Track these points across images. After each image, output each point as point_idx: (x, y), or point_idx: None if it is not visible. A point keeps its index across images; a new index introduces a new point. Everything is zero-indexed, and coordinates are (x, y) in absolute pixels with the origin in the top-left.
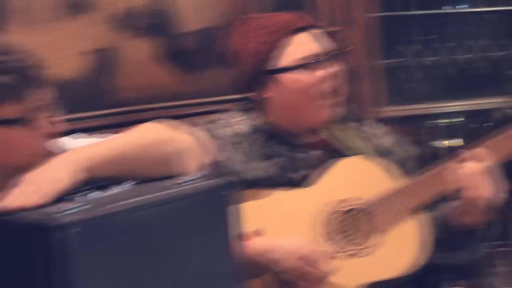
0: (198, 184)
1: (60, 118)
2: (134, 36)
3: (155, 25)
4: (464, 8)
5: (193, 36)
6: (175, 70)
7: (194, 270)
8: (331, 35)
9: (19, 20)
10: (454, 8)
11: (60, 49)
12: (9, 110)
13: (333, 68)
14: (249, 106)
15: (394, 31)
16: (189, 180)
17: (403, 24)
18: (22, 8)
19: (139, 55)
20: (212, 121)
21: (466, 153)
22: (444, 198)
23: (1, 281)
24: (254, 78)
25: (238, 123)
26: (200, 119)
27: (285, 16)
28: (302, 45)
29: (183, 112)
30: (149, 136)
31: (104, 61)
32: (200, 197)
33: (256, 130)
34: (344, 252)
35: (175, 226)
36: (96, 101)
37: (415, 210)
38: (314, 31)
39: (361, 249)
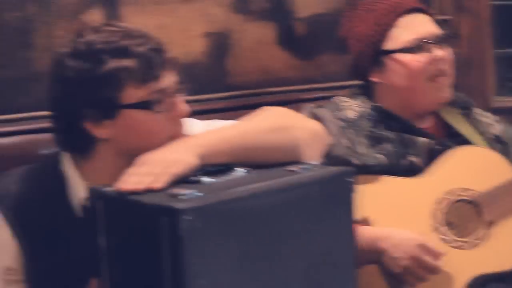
0: (323, 170)
1: (185, 100)
2: (251, 20)
3: (270, 9)
4: None
5: (306, 21)
6: (288, 55)
7: (316, 257)
8: (440, 23)
9: (133, 3)
10: None
11: (183, 30)
12: (133, 94)
13: (442, 52)
14: (358, 91)
15: (507, 20)
16: (308, 167)
17: None
18: None
19: (255, 39)
20: (321, 106)
21: None
22: None
23: (123, 258)
24: (364, 62)
25: (347, 107)
26: (310, 105)
27: (392, 0)
28: (411, 28)
29: (293, 97)
30: (266, 123)
31: (222, 44)
32: (325, 183)
33: (364, 115)
34: (451, 243)
35: (298, 213)
36: (215, 83)
37: None
38: (422, 14)
39: (468, 241)
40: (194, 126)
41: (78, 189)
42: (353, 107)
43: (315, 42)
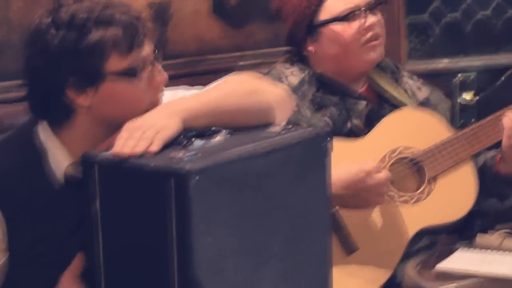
0: (302, 131)
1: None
2: None
3: None
4: None
5: None
6: (221, 24)
7: (297, 212)
8: None
9: None
10: None
11: (128, 1)
12: (117, 62)
13: (374, 18)
14: (294, 58)
15: None
16: (286, 130)
17: None
18: None
19: (192, 9)
20: (266, 74)
21: None
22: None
23: (120, 224)
24: (298, 32)
25: (289, 74)
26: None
27: None
28: None
29: (227, 65)
30: (240, 87)
31: (163, 14)
32: (307, 144)
33: (305, 81)
34: (395, 199)
35: (283, 173)
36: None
37: (466, 159)
38: None
39: (412, 196)
40: (170, 94)
41: (59, 157)
42: (294, 73)
43: (246, 11)
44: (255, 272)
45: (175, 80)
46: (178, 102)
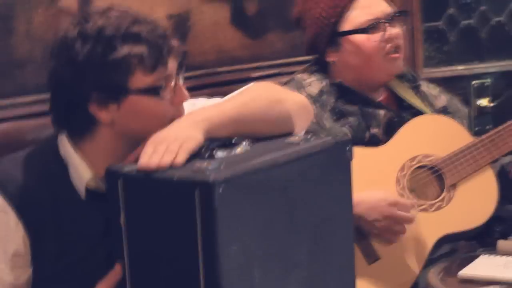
0: (322, 140)
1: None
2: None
3: None
4: None
5: (256, 1)
6: (240, 35)
7: (321, 220)
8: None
9: None
10: None
11: (148, 13)
12: (141, 79)
13: (395, 30)
14: (314, 68)
15: None
16: (306, 139)
17: None
18: None
19: (211, 20)
20: (285, 84)
21: None
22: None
23: (146, 235)
24: (319, 41)
25: (308, 84)
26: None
27: None
28: (365, 9)
29: (245, 75)
30: (261, 96)
31: (183, 25)
32: (327, 152)
33: (324, 91)
34: (416, 207)
35: (307, 180)
36: None
37: (485, 165)
38: None
39: (432, 204)
40: (191, 107)
41: (81, 171)
42: (313, 83)
43: (264, 21)
44: (280, 280)
45: (194, 91)
46: (200, 113)
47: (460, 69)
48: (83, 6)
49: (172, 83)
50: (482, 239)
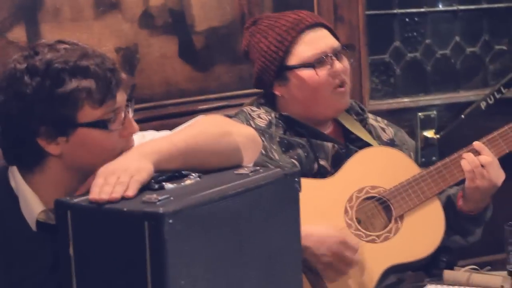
0: (271, 172)
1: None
2: (156, 34)
3: (173, 24)
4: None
5: (203, 35)
6: (188, 68)
7: (270, 251)
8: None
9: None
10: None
11: (97, 46)
12: (89, 113)
13: (341, 64)
14: (261, 101)
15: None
16: (255, 170)
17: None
18: (52, 8)
19: (159, 53)
20: (234, 116)
21: (477, 144)
22: None
23: (96, 267)
24: (267, 76)
25: (256, 116)
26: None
27: (293, 16)
28: (311, 43)
29: (192, 108)
30: (210, 129)
31: (131, 58)
32: (277, 184)
33: (271, 124)
34: (363, 238)
35: (255, 213)
36: None
37: (431, 197)
38: (322, 28)
39: (379, 235)
40: (140, 139)
41: (32, 203)
42: (261, 115)
43: (211, 54)
44: None
45: (142, 123)
46: (149, 145)
47: (406, 101)
48: (32, 39)
49: (122, 116)
50: (428, 269)
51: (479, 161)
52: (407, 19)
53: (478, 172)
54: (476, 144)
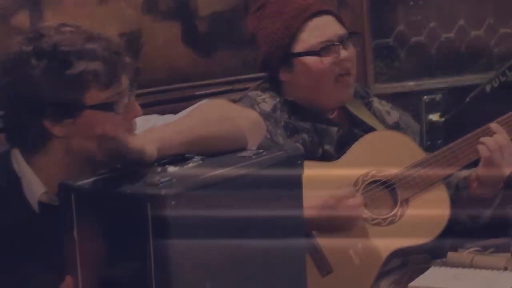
0: (274, 154)
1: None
2: (159, 19)
3: (176, 9)
4: None
5: (207, 19)
6: (192, 53)
7: (273, 236)
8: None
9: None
10: None
11: (100, 31)
12: (95, 96)
13: (346, 52)
14: (266, 86)
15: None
16: (258, 153)
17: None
18: None
19: (163, 38)
20: (239, 101)
21: (493, 125)
22: None
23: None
24: (272, 60)
25: (261, 101)
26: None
27: (300, 2)
28: (317, 31)
29: (197, 92)
30: (213, 114)
31: (135, 43)
32: (278, 167)
33: (276, 109)
34: (369, 221)
35: (257, 195)
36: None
37: (437, 181)
38: (328, 16)
39: (385, 218)
40: (144, 124)
41: (34, 185)
42: (267, 100)
43: (215, 39)
44: None
45: (146, 108)
46: (154, 131)
47: (411, 84)
48: (35, 24)
49: (125, 99)
50: (433, 251)
51: (498, 144)
52: (411, 3)
53: (497, 157)
54: (494, 125)
